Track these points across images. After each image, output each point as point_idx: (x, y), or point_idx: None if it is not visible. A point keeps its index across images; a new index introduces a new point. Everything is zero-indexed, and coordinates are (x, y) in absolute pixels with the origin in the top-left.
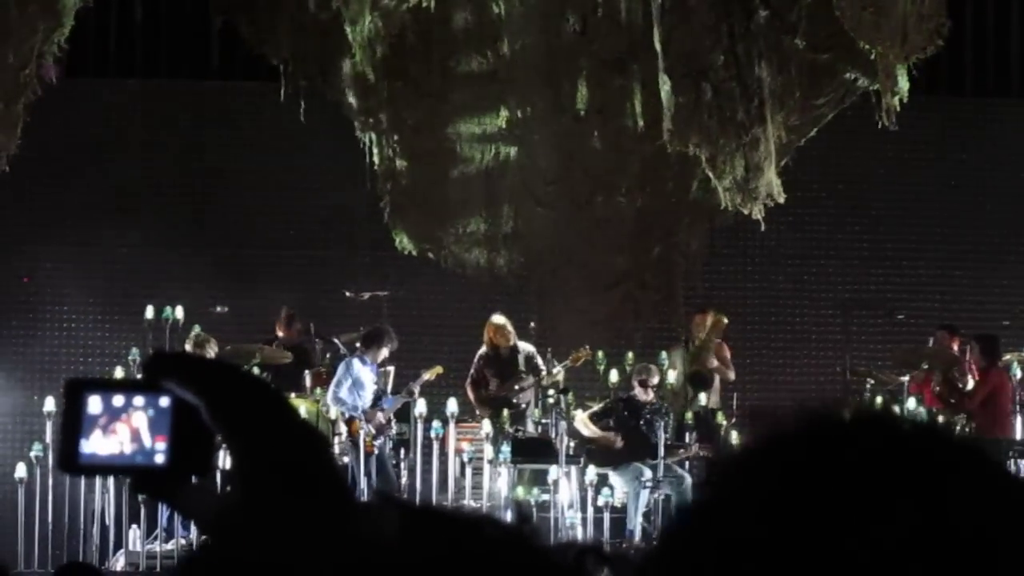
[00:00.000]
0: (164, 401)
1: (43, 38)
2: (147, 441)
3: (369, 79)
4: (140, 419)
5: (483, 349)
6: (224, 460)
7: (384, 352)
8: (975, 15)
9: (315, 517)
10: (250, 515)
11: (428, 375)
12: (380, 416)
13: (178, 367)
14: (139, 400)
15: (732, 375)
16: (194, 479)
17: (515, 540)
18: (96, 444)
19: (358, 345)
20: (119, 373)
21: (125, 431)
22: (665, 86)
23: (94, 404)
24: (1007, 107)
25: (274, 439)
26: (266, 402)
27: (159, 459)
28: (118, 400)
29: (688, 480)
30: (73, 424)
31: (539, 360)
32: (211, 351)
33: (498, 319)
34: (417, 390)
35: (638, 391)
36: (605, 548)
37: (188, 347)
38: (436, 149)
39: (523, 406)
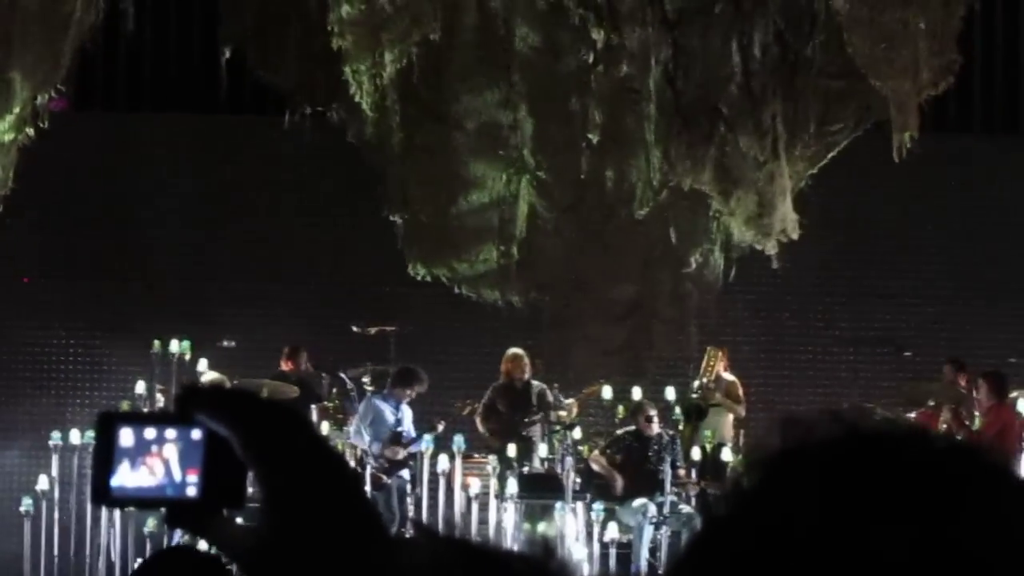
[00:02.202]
0: (196, 434)
1: (44, 76)
2: (179, 474)
3: (379, 106)
4: (172, 452)
5: (498, 380)
6: (256, 493)
7: (411, 393)
8: (984, 53)
9: (348, 550)
10: (283, 548)
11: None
12: (399, 452)
13: (210, 400)
14: (171, 433)
15: (742, 411)
16: (226, 512)
17: (543, 573)
18: (128, 477)
19: (365, 380)
20: (125, 408)
21: (157, 464)
22: (676, 124)
23: (126, 437)
24: (1016, 144)
25: (307, 472)
26: (299, 435)
27: (191, 492)
28: (150, 433)
29: (695, 518)
30: (105, 457)
31: (550, 397)
32: None
33: (515, 350)
34: (441, 427)
35: (643, 426)
36: None
37: None
38: (448, 176)
39: (534, 440)
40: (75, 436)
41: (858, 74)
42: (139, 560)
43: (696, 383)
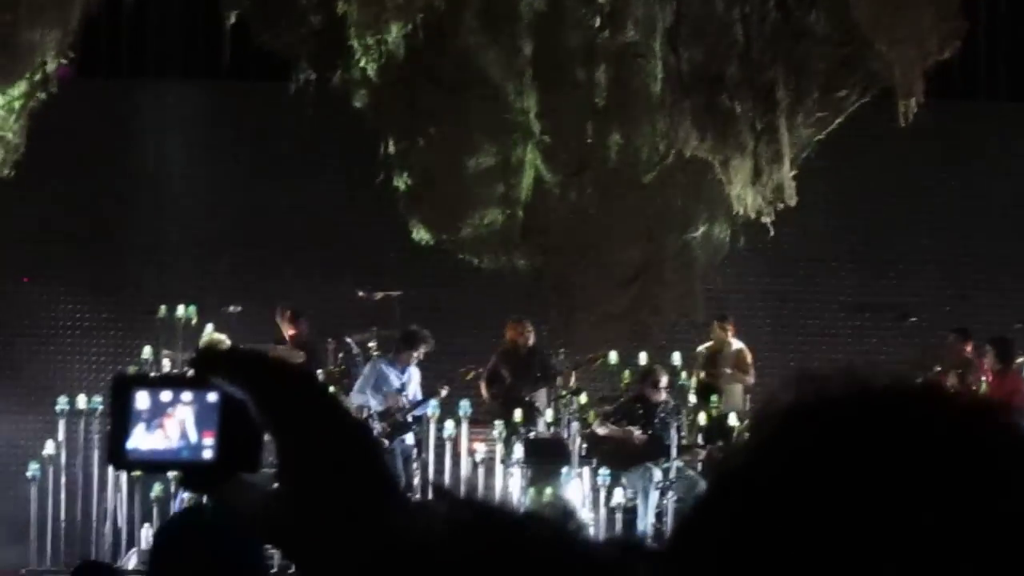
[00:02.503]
0: (212, 397)
1: (52, 43)
2: (194, 437)
3: (384, 72)
4: (187, 414)
5: (502, 347)
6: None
7: (417, 356)
8: (988, 20)
9: (365, 511)
10: (300, 510)
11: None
12: (401, 401)
13: (226, 362)
14: (187, 396)
15: (751, 379)
16: (242, 475)
17: (561, 537)
18: (143, 440)
19: (371, 344)
20: (131, 371)
21: (173, 427)
22: (676, 90)
23: (142, 400)
24: (1020, 111)
25: (322, 434)
26: (314, 397)
27: (207, 455)
28: (166, 396)
29: (702, 483)
30: (121, 420)
31: (554, 363)
32: None
33: (519, 317)
34: (445, 392)
35: (649, 391)
36: (648, 545)
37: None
38: (452, 141)
39: (536, 405)
40: (81, 401)
41: (864, 41)
42: (146, 525)
43: (702, 361)
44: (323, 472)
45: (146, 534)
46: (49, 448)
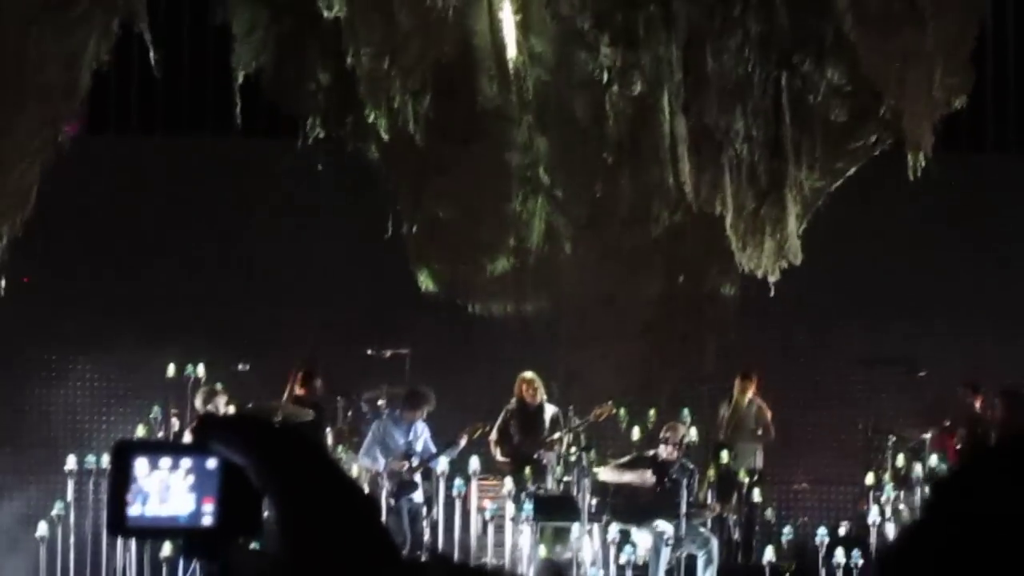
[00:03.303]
0: (211, 463)
1: (60, 99)
2: (194, 503)
3: (394, 128)
4: (187, 481)
5: (511, 403)
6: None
7: (420, 415)
8: (996, 71)
9: (362, 574)
10: (299, 574)
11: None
12: (405, 467)
13: (225, 428)
14: (186, 462)
15: (771, 437)
16: (243, 540)
17: None
18: (143, 507)
19: (380, 402)
20: (140, 431)
21: (172, 494)
22: (685, 144)
23: (141, 467)
24: None
25: (321, 499)
26: (312, 461)
27: (207, 521)
28: (165, 462)
29: (714, 541)
30: (120, 487)
31: (563, 421)
32: (221, 403)
33: (528, 374)
34: (464, 442)
35: (662, 449)
36: None
37: (198, 401)
38: (462, 194)
39: (544, 463)
40: (91, 461)
41: (873, 93)
42: None
43: (725, 419)
44: (322, 537)
45: None
46: (58, 508)
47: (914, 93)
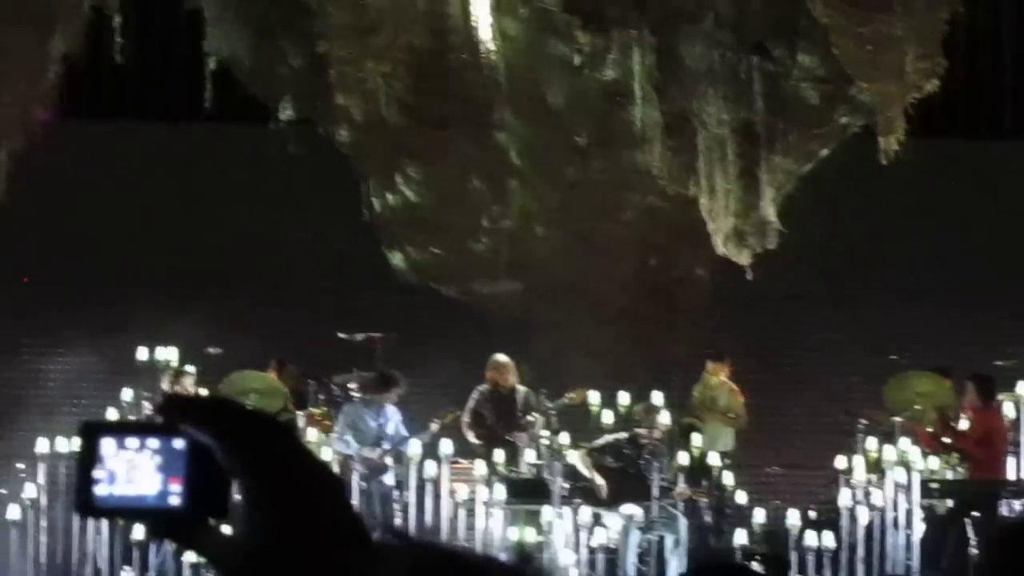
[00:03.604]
0: (179, 443)
1: (28, 86)
2: (162, 484)
3: (366, 112)
4: (155, 461)
5: (483, 386)
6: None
7: (391, 397)
8: (966, 58)
9: (330, 557)
10: (266, 556)
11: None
12: (376, 454)
13: (193, 409)
14: (154, 442)
15: (743, 422)
16: (211, 521)
17: None
18: (110, 487)
19: (352, 386)
20: (112, 414)
21: (140, 474)
22: (659, 129)
23: (108, 447)
24: (999, 149)
25: (288, 480)
26: (280, 443)
27: (174, 501)
28: (132, 442)
29: (683, 521)
30: (87, 467)
31: (535, 403)
32: (188, 383)
33: (500, 357)
34: (436, 426)
35: (642, 431)
36: None
37: (165, 383)
38: (435, 179)
39: (519, 445)
40: (62, 444)
41: (845, 78)
42: (125, 568)
43: (696, 401)
44: (288, 517)
45: None
46: (30, 492)
47: (885, 77)
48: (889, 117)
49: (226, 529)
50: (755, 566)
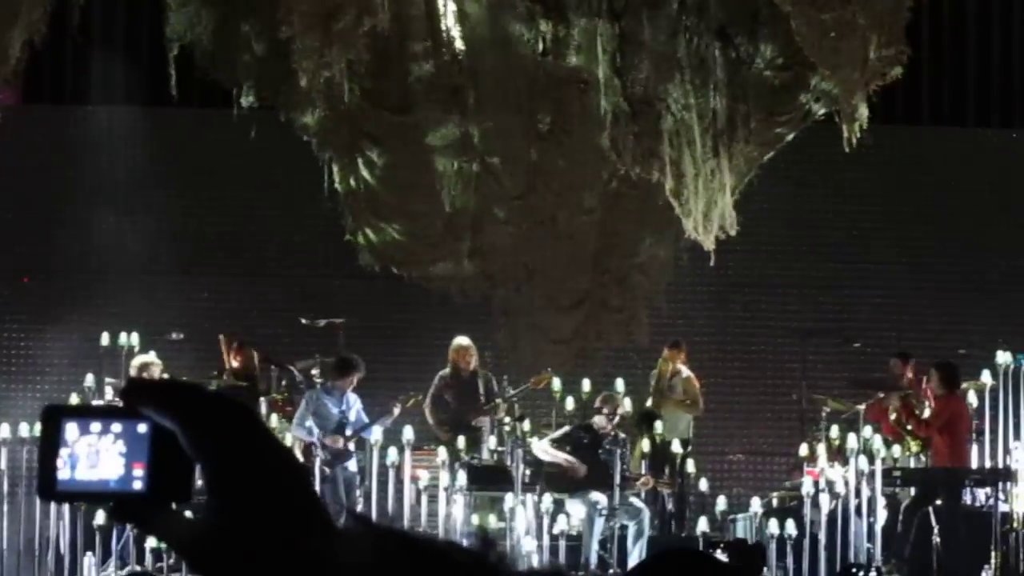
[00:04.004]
0: (142, 427)
1: None
2: (124, 468)
3: (328, 97)
4: (118, 446)
5: (445, 370)
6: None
7: (351, 382)
8: (931, 45)
9: (291, 542)
10: (228, 541)
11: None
12: (340, 443)
13: (156, 393)
14: (117, 427)
15: (700, 409)
16: (174, 505)
17: (483, 566)
18: (73, 471)
19: (314, 372)
20: (74, 399)
21: (103, 458)
22: (621, 114)
23: (71, 431)
24: (963, 136)
25: (251, 465)
26: (243, 427)
27: (137, 486)
28: (95, 427)
29: (646, 512)
30: (50, 451)
31: (496, 388)
32: (156, 373)
33: (462, 340)
34: (398, 410)
35: (600, 420)
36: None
37: (132, 373)
38: (397, 165)
39: (483, 432)
40: (24, 429)
41: (807, 65)
42: (88, 554)
43: (652, 387)
44: (250, 501)
45: (89, 562)
46: None
47: (848, 64)
48: (851, 106)
49: (189, 514)
50: (719, 554)
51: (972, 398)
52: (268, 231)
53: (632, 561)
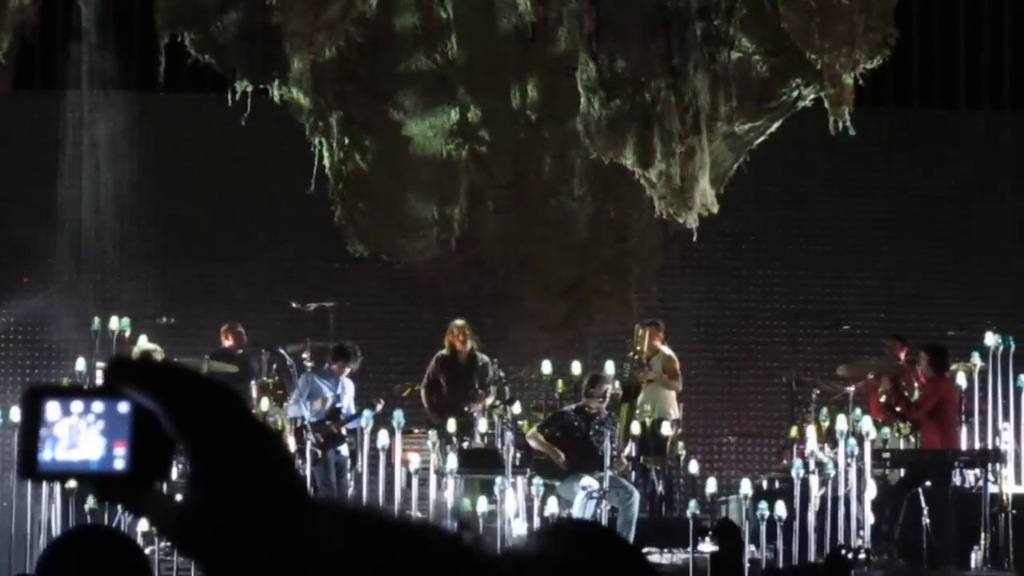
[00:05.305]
0: (123, 407)
1: None
2: (105, 448)
3: (318, 83)
4: (99, 425)
5: (442, 352)
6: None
7: (347, 370)
8: (921, 27)
9: (271, 524)
10: (207, 521)
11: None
12: (335, 427)
13: (137, 372)
14: (98, 406)
15: (678, 386)
16: (155, 485)
17: (457, 548)
18: (54, 451)
19: (304, 356)
20: (65, 383)
21: (84, 437)
22: (596, 97)
23: (52, 410)
24: (953, 118)
25: (231, 444)
26: (224, 407)
27: (118, 465)
28: (77, 406)
29: (636, 494)
30: (31, 431)
31: (491, 372)
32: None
33: (459, 321)
34: (380, 406)
35: (593, 402)
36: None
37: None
38: (387, 152)
39: (475, 415)
40: (15, 414)
41: (794, 49)
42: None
43: (627, 362)
44: (230, 482)
45: None
46: None
47: (835, 48)
48: (838, 89)
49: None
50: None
51: (961, 380)
52: (258, 215)
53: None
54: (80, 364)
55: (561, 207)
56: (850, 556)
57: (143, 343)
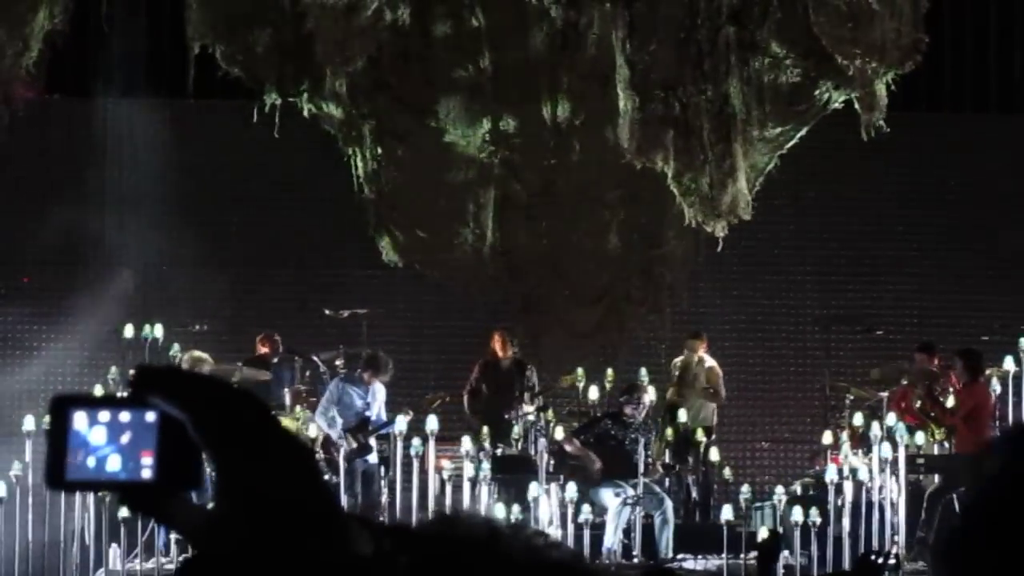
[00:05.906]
0: (150, 416)
1: (11, 63)
2: (133, 457)
3: (350, 93)
4: (126, 434)
5: (485, 358)
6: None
7: (379, 379)
8: (953, 32)
9: (296, 533)
10: (233, 530)
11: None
12: (361, 436)
13: (164, 382)
14: (125, 415)
15: (722, 398)
16: (183, 494)
17: (486, 559)
18: (82, 460)
19: (338, 363)
20: (99, 391)
21: (111, 447)
22: (630, 101)
23: (80, 420)
24: (985, 123)
25: (257, 454)
26: (250, 416)
27: (145, 474)
28: (104, 416)
29: (668, 502)
30: (59, 441)
31: (534, 379)
32: (206, 370)
33: (500, 329)
34: (410, 416)
35: (629, 408)
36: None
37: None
38: (420, 161)
39: (514, 422)
40: (48, 422)
41: (826, 54)
42: (113, 545)
43: (675, 377)
44: (255, 491)
45: (114, 554)
46: (16, 469)
47: (866, 54)
48: (869, 94)
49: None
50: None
51: (995, 384)
52: (292, 224)
53: (662, 549)
54: (113, 371)
55: (593, 215)
56: (880, 561)
57: (194, 352)
